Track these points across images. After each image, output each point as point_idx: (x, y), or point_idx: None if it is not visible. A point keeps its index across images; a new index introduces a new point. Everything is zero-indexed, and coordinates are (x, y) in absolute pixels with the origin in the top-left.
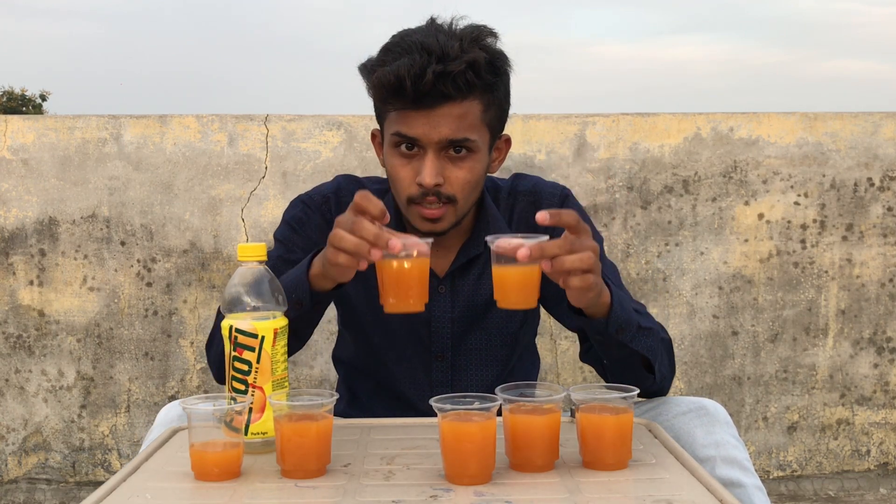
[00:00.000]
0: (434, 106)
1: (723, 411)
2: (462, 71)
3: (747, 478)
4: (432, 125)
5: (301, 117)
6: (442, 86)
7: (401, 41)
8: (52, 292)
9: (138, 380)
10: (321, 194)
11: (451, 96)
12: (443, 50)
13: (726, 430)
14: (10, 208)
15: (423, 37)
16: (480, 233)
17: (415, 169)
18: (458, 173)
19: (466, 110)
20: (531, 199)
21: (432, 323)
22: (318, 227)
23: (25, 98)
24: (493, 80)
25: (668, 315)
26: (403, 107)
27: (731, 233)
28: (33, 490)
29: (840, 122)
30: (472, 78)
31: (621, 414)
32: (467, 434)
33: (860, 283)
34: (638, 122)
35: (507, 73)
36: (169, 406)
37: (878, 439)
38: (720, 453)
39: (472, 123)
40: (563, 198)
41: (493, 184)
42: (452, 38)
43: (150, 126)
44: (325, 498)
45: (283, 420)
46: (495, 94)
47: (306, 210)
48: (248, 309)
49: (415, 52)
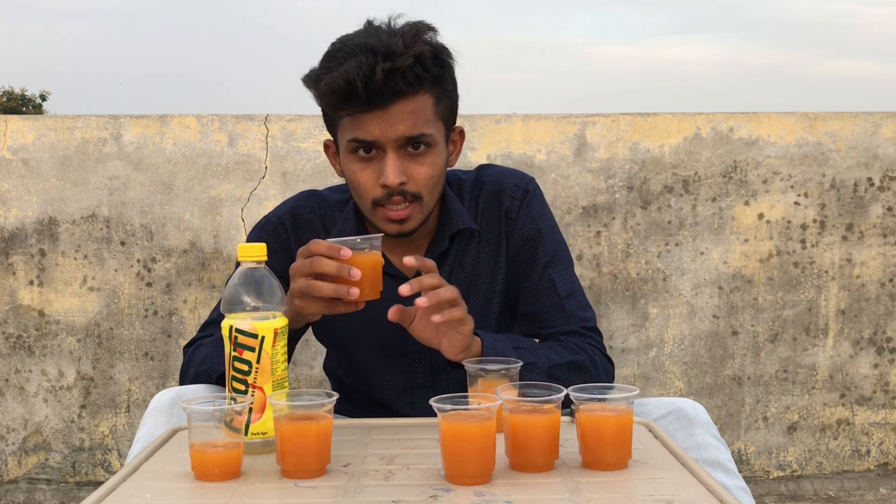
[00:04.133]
0: (387, 104)
1: (701, 411)
2: (410, 66)
3: (730, 479)
4: (388, 124)
5: (301, 117)
6: (392, 83)
7: (343, 46)
8: (52, 292)
9: (138, 380)
10: (277, 216)
11: (402, 92)
12: (387, 48)
13: (706, 431)
14: (10, 208)
15: (364, 38)
16: (445, 229)
17: (376, 171)
18: (420, 169)
19: (419, 105)
20: (494, 190)
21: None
22: (273, 250)
23: (25, 98)
24: (440, 73)
25: (668, 315)
26: (356, 111)
27: (731, 233)
28: (33, 490)
29: (840, 122)
30: (421, 71)
31: (621, 414)
32: (467, 434)
33: (860, 283)
34: (638, 122)
35: (451, 66)
36: (162, 393)
37: (878, 439)
38: (701, 455)
39: (426, 118)
40: (525, 193)
41: (456, 177)
42: (394, 35)
43: (150, 126)
44: (325, 498)
45: (283, 420)
46: (444, 87)
47: (262, 234)
48: (248, 309)
49: (360, 53)
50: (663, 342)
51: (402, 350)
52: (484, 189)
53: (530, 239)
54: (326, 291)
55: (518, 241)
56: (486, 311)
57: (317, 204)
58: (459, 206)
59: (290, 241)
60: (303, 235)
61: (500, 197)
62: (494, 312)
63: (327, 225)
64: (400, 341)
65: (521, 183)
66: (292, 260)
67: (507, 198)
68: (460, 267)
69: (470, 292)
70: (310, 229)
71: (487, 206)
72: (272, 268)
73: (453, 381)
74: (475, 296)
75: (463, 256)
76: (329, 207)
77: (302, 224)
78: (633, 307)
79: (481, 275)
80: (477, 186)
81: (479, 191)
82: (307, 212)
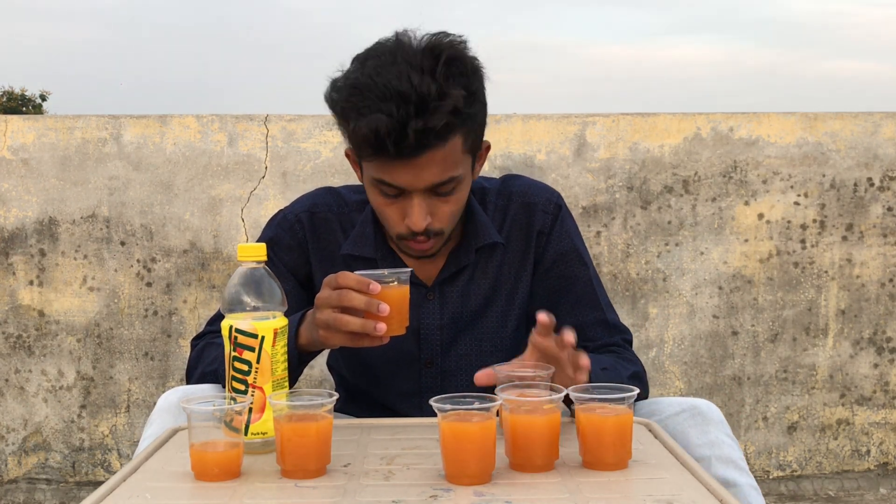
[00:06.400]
0: (417, 155)
1: (716, 411)
2: (445, 123)
3: (742, 477)
4: (416, 174)
5: (301, 117)
6: (424, 139)
7: (372, 85)
8: (52, 292)
9: (138, 380)
10: (294, 213)
11: (433, 145)
12: (420, 98)
13: (721, 430)
14: (10, 208)
15: (396, 80)
16: (469, 241)
17: (401, 209)
18: (445, 208)
19: (449, 151)
20: (524, 202)
21: (421, 331)
22: (288, 248)
23: (25, 98)
24: (472, 112)
25: (668, 315)
26: (384, 159)
27: (731, 233)
28: (33, 490)
29: (840, 122)
30: (453, 120)
31: (621, 414)
32: (467, 434)
33: (860, 283)
34: (638, 122)
35: (483, 92)
36: (169, 392)
37: (878, 439)
38: (715, 453)
39: (455, 160)
40: (556, 208)
41: (479, 185)
42: (425, 73)
43: (150, 126)
44: (325, 498)
45: (283, 420)
46: (475, 120)
47: (279, 231)
48: (248, 309)
49: (390, 101)
50: (663, 342)
51: (415, 355)
52: (513, 201)
53: (566, 254)
54: (354, 326)
55: (553, 255)
56: (504, 322)
57: (335, 203)
58: (486, 220)
59: (306, 239)
60: (320, 235)
61: (532, 211)
62: (511, 325)
63: (345, 225)
64: (413, 346)
65: (553, 198)
66: (307, 260)
67: (538, 212)
68: (483, 276)
69: (490, 302)
70: (327, 229)
71: (516, 218)
72: (286, 265)
73: (462, 386)
74: (494, 306)
75: (487, 266)
76: (347, 207)
77: (319, 223)
78: (633, 307)
79: (503, 285)
80: (504, 196)
81: (508, 202)
82: (325, 210)
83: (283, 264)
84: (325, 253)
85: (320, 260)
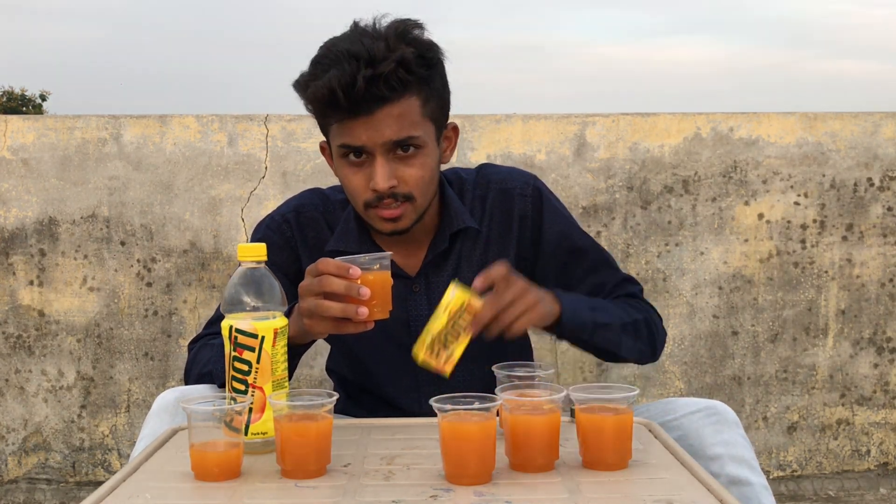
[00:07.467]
0: (372, 111)
1: (731, 413)
2: (392, 70)
3: (755, 476)
4: (374, 130)
5: (301, 117)
6: (375, 89)
7: (327, 52)
8: (52, 292)
9: (138, 380)
10: (281, 214)
11: (386, 98)
12: (369, 53)
13: (735, 430)
14: (10, 208)
15: (348, 44)
16: (445, 229)
17: (366, 175)
18: (409, 171)
19: (405, 108)
20: (501, 189)
21: (410, 323)
22: (278, 248)
23: (25, 98)
24: (426, 73)
25: (668, 315)
26: (342, 117)
27: (731, 233)
28: (33, 490)
29: (840, 122)
30: (404, 75)
31: (621, 414)
32: (467, 434)
33: (860, 283)
34: (638, 122)
35: (440, 63)
36: (165, 393)
37: (878, 439)
38: (729, 452)
39: (413, 120)
40: (535, 191)
41: (457, 176)
42: (377, 39)
43: (150, 126)
44: (325, 498)
45: (283, 420)
46: (432, 86)
47: (267, 232)
48: (248, 309)
49: (342, 60)
50: None
51: (407, 347)
52: (490, 189)
53: (566, 231)
54: (334, 311)
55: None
56: None
57: (320, 202)
58: (460, 206)
59: (294, 238)
60: (307, 233)
61: (510, 196)
62: None
63: (331, 223)
64: (404, 339)
65: (529, 180)
66: (297, 258)
67: (517, 197)
68: (468, 265)
69: None
70: (314, 227)
71: (496, 205)
72: (277, 265)
73: (458, 374)
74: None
75: (470, 255)
76: (332, 205)
77: (306, 222)
78: None
79: None
80: (481, 185)
81: (486, 190)
82: (311, 209)
83: (273, 265)
84: (313, 250)
85: (309, 257)
